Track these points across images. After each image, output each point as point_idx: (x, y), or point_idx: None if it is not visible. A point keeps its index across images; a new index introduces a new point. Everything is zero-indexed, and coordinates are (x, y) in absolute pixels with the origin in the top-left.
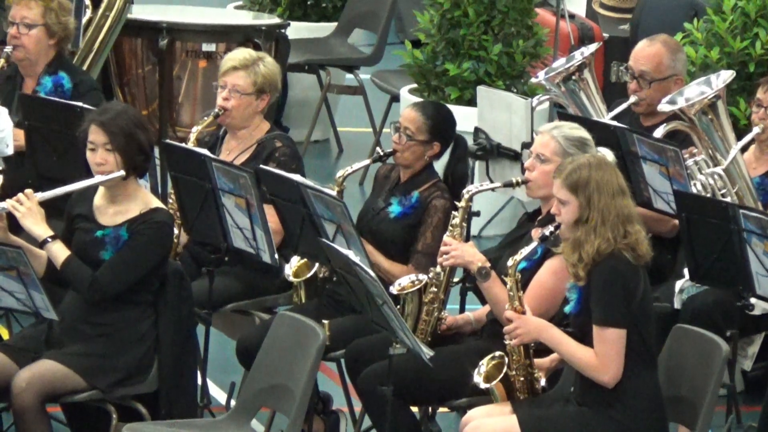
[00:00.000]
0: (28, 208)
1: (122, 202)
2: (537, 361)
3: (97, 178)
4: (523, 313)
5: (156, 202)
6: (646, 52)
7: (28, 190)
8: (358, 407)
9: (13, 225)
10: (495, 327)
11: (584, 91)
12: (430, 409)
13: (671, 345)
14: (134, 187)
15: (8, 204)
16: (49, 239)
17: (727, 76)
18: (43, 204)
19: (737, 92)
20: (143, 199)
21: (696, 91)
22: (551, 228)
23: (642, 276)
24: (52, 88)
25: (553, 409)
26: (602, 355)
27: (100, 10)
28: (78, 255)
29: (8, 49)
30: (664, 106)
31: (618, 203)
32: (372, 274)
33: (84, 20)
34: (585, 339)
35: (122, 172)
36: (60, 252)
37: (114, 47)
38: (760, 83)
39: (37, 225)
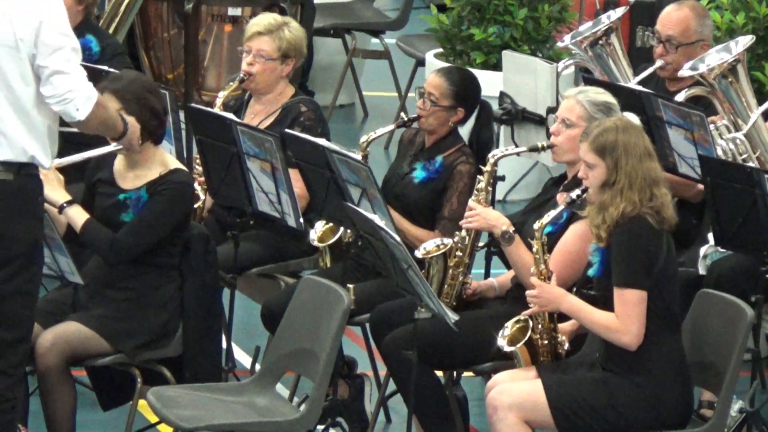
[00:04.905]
0: (44, 175)
1: (142, 166)
2: (559, 325)
3: (114, 146)
4: (549, 276)
5: (175, 163)
6: (673, 16)
7: None
8: (382, 371)
9: None
10: (520, 291)
11: (611, 56)
12: (454, 373)
13: (696, 310)
14: (152, 151)
15: None
16: (66, 204)
17: (746, 40)
18: (65, 169)
19: (762, 57)
20: (162, 160)
21: (716, 58)
22: (578, 191)
23: (665, 241)
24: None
25: (577, 375)
26: (622, 317)
27: None
28: (100, 219)
29: None
30: (685, 72)
31: (645, 166)
32: (397, 238)
33: None
34: (609, 302)
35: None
36: (79, 215)
37: (140, 11)
38: None
39: (55, 191)
